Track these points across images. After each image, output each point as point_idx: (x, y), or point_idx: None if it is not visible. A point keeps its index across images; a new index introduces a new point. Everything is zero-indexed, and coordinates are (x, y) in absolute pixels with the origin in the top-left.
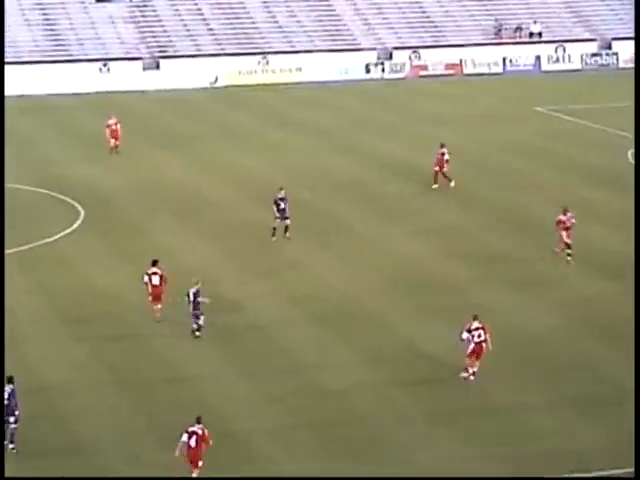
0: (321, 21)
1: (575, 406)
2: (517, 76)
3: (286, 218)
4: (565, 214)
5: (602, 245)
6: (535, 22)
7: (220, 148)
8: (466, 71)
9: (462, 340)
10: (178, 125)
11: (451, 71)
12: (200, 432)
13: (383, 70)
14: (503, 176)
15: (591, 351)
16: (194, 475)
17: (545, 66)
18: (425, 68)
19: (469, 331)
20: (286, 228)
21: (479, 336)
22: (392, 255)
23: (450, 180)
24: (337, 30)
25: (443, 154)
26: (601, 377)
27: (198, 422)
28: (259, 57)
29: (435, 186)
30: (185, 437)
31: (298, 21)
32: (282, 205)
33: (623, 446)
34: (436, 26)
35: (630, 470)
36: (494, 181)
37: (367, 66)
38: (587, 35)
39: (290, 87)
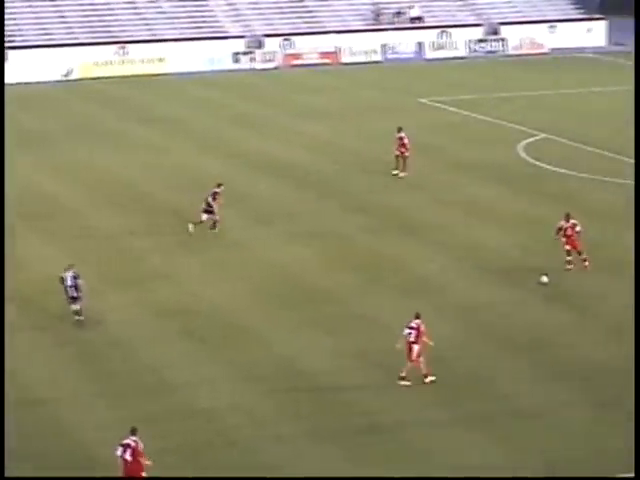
0: (185, 7)
1: (469, 423)
2: (398, 65)
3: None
4: (567, 221)
5: (495, 247)
6: (415, 6)
7: (74, 147)
8: (343, 60)
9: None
10: (27, 122)
11: (326, 60)
12: (133, 444)
13: (253, 60)
14: (385, 175)
15: (487, 362)
16: None
17: (428, 53)
18: (298, 57)
19: (408, 327)
20: (214, 223)
21: (410, 335)
22: (266, 262)
23: (403, 170)
24: (202, 17)
25: (402, 138)
26: (498, 391)
27: (133, 434)
28: (117, 47)
29: (397, 172)
30: (119, 451)
31: (159, 7)
32: (211, 203)
33: (526, 462)
34: (310, 11)
35: None
36: (375, 180)
37: (235, 55)
38: (472, 20)
39: (152, 79)
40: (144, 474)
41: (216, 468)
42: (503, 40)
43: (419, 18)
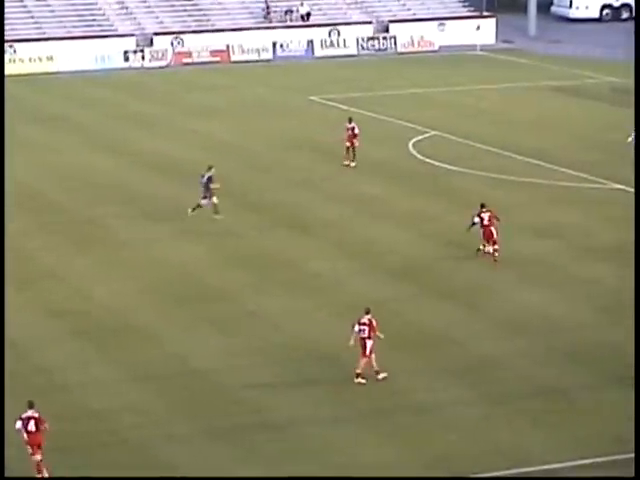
0: (74, 5)
1: (363, 419)
2: (289, 62)
3: (211, 196)
4: (482, 210)
5: (387, 244)
6: (304, 4)
7: None
8: (233, 58)
9: (355, 333)
10: None
11: (217, 58)
12: (37, 415)
13: (143, 58)
14: (276, 173)
15: (379, 360)
16: (38, 457)
17: (318, 51)
18: (189, 55)
19: (359, 323)
20: (215, 207)
21: (363, 331)
22: (157, 260)
23: (353, 160)
24: (92, 15)
25: (353, 129)
26: (392, 388)
27: (31, 407)
28: (6, 45)
29: (347, 162)
30: (19, 424)
31: (48, 5)
32: (210, 185)
33: (419, 461)
34: (200, 9)
35: None
36: (267, 179)
37: (125, 53)
38: (363, 17)
39: (41, 78)
40: (43, 444)
41: (110, 468)
42: (393, 38)
43: (308, 15)
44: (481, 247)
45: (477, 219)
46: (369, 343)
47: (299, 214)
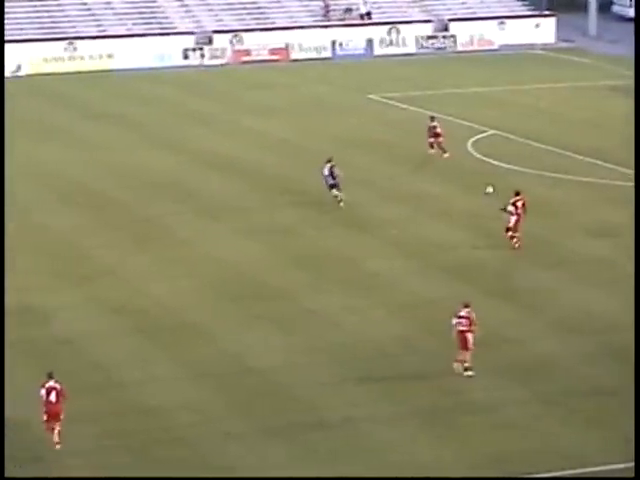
0: (134, 3)
1: (420, 418)
2: (348, 61)
3: (334, 186)
4: (517, 198)
5: (444, 243)
6: (365, 2)
7: (24, 144)
8: (293, 56)
9: (453, 325)
10: None
11: (276, 56)
12: (58, 387)
13: (202, 56)
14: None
15: (437, 359)
16: (57, 429)
17: (377, 50)
18: (248, 53)
19: (457, 317)
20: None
21: (462, 325)
22: (216, 259)
23: (445, 152)
24: (151, 12)
25: (435, 127)
26: (448, 387)
27: (50, 377)
28: (65, 43)
29: (440, 155)
30: (43, 392)
31: (109, 3)
32: (336, 172)
33: (475, 461)
34: (259, 7)
35: None
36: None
37: (185, 52)
38: (422, 16)
39: (101, 75)
40: (62, 416)
41: (165, 466)
42: (453, 37)
43: (368, 14)
44: (514, 235)
45: (512, 208)
46: (470, 336)
47: (357, 213)
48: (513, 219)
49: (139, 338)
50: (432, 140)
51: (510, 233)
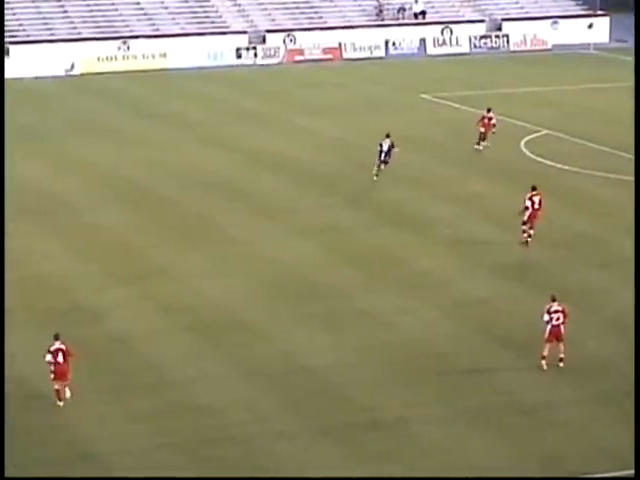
0: (187, 2)
1: (471, 418)
2: (401, 60)
3: (385, 162)
4: (534, 193)
5: (496, 243)
6: (418, 1)
7: (76, 142)
8: (346, 55)
9: (545, 323)
10: (30, 117)
11: (329, 55)
12: (64, 347)
13: (256, 55)
14: (387, 171)
15: (488, 359)
16: (67, 391)
17: (431, 49)
18: (301, 52)
19: (549, 313)
20: (377, 171)
21: (557, 319)
22: (268, 258)
23: (484, 140)
24: (204, 12)
25: (490, 119)
26: (500, 387)
27: (56, 339)
28: (119, 42)
29: (484, 144)
30: (49, 357)
31: (162, 2)
32: (394, 150)
33: (528, 462)
34: (312, 7)
35: None
36: (380, 176)
37: (238, 51)
38: (475, 16)
39: (154, 74)
40: (69, 376)
41: (217, 464)
42: (506, 36)
43: (423, 13)
44: (525, 228)
45: (528, 202)
46: (563, 328)
47: (408, 212)
48: (527, 213)
49: (191, 336)
50: (483, 130)
51: (523, 227)
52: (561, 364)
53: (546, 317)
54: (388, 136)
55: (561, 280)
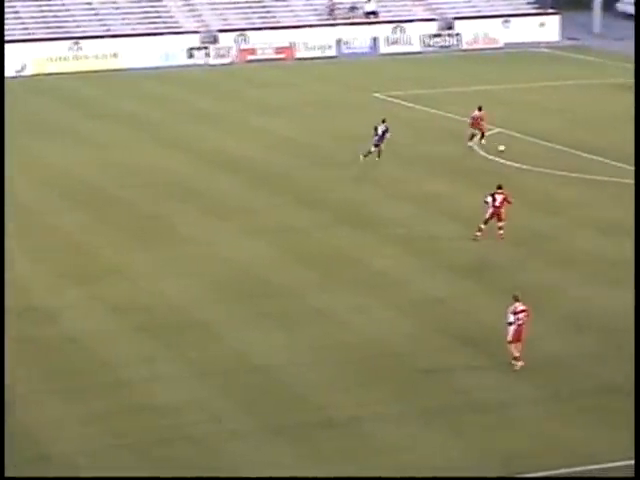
0: (139, 2)
1: (428, 417)
2: (353, 60)
3: (377, 146)
4: (497, 191)
5: (450, 241)
6: (370, 0)
7: (29, 143)
8: (298, 55)
9: (509, 324)
10: None
11: (282, 55)
12: None
13: (208, 55)
14: (341, 169)
15: (445, 358)
16: None
17: (383, 48)
18: (253, 52)
19: (514, 313)
20: (379, 153)
21: (521, 319)
22: (222, 258)
23: (475, 136)
24: (156, 12)
25: (481, 118)
26: (457, 386)
27: None
28: (71, 42)
29: (476, 143)
30: None
31: (113, 2)
32: (387, 135)
33: (484, 460)
34: (264, 6)
35: None
36: (331, 175)
37: (190, 51)
38: (427, 15)
39: (106, 75)
40: None
41: (170, 464)
42: (457, 35)
43: (374, 13)
44: (483, 226)
45: (489, 198)
46: (524, 329)
47: (363, 211)
48: (489, 211)
49: (145, 336)
50: (472, 130)
51: (481, 225)
52: (519, 363)
53: (511, 318)
54: (384, 121)
55: (518, 279)
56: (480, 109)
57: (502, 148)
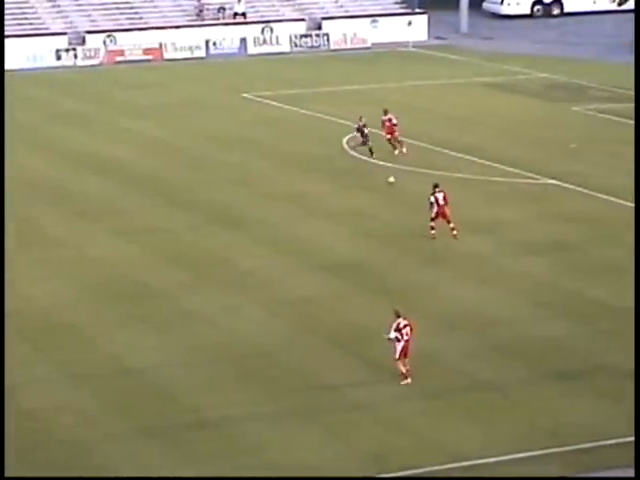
0: (5, 3)
1: (299, 416)
2: (222, 60)
3: (366, 142)
4: (436, 190)
5: (321, 241)
6: (239, 1)
7: None
8: (167, 56)
9: (389, 340)
10: None
11: (150, 56)
12: None
13: (75, 56)
14: (210, 171)
15: (315, 357)
16: None
17: (251, 49)
18: (122, 53)
19: (398, 330)
20: (370, 150)
21: (407, 334)
22: (93, 260)
23: (401, 146)
24: (23, 13)
25: (390, 120)
26: (327, 385)
27: None
28: None
29: (397, 152)
30: None
31: None
32: (365, 131)
33: (355, 458)
34: (132, 7)
35: None
36: (200, 177)
37: (57, 52)
38: (295, 15)
39: None
40: None
41: (43, 468)
42: (326, 35)
43: (243, 14)
44: (433, 224)
45: (432, 199)
46: (410, 344)
47: (232, 212)
48: (434, 211)
49: (16, 340)
50: (389, 137)
51: (431, 224)
52: (409, 380)
53: (393, 334)
54: (361, 118)
55: (387, 278)
56: (386, 112)
57: (392, 180)
